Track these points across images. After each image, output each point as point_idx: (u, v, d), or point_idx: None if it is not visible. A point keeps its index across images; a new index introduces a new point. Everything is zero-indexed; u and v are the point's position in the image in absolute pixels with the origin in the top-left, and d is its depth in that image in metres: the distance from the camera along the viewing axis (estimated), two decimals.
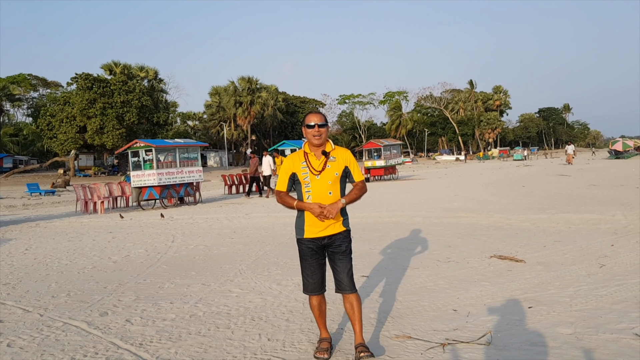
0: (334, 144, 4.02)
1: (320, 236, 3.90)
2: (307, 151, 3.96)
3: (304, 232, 3.94)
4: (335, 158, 3.93)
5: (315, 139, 3.87)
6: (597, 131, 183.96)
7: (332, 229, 3.90)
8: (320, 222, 3.85)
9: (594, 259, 7.16)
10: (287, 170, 3.96)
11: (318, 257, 3.94)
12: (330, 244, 3.93)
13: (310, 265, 3.93)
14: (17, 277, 7.28)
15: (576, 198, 14.66)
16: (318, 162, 3.89)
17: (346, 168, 3.96)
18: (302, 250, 3.98)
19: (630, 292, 5.44)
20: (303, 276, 4.00)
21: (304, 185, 3.88)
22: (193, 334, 4.60)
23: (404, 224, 10.90)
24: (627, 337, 4.16)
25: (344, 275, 3.90)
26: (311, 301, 4.01)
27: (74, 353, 4.20)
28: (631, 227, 9.53)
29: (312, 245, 3.92)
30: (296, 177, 3.92)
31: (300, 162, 3.93)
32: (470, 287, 5.95)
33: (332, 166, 3.89)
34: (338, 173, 3.90)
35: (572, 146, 43.35)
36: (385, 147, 30.57)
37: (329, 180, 3.85)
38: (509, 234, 9.39)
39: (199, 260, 8.06)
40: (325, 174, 3.85)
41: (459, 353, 3.99)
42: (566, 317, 4.76)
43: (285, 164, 4.00)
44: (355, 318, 3.91)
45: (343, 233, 3.95)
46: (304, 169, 3.89)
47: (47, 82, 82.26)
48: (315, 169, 3.86)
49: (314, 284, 3.94)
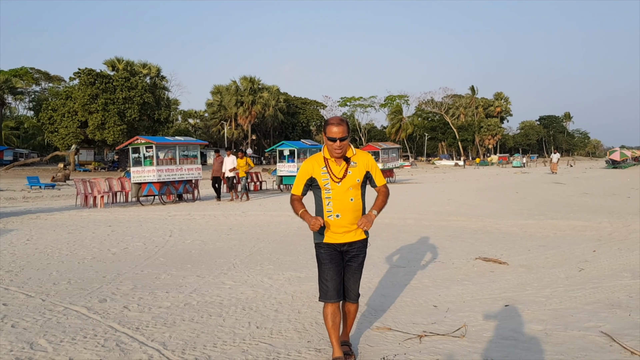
0: (354, 149, 3.88)
1: (340, 242, 3.82)
2: (327, 156, 3.80)
3: (323, 237, 3.82)
4: (356, 163, 3.81)
5: (335, 152, 3.71)
6: (597, 140, 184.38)
7: (352, 235, 3.83)
8: (340, 228, 3.78)
9: (574, 263, 7.45)
10: (305, 175, 3.84)
11: (337, 263, 3.83)
12: (349, 251, 3.86)
13: (330, 270, 3.80)
14: (19, 265, 7.57)
15: (566, 205, 14.96)
16: (339, 169, 3.77)
17: (367, 173, 3.86)
18: (320, 254, 3.85)
19: (603, 295, 5.74)
20: (321, 282, 3.82)
21: (325, 191, 3.78)
22: (187, 321, 4.89)
23: (395, 226, 11.18)
24: (593, 334, 4.45)
25: (356, 286, 3.91)
26: (325, 310, 3.82)
27: (74, 334, 4.49)
28: (615, 234, 9.83)
29: (331, 250, 3.82)
30: (315, 182, 3.81)
31: (320, 167, 3.79)
32: (453, 286, 6.24)
33: (353, 172, 3.78)
34: (359, 179, 3.80)
35: (557, 154, 42.76)
36: (383, 151, 30.88)
37: (349, 187, 3.76)
38: (496, 238, 9.68)
39: (195, 254, 8.35)
40: (347, 180, 3.75)
41: (434, 344, 4.27)
42: (539, 315, 5.05)
43: (304, 167, 3.87)
44: (348, 321, 4.04)
45: (362, 241, 3.89)
46: (324, 175, 3.77)
47: (50, 76, 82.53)
48: (336, 176, 3.75)
49: (332, 289, 3.78)
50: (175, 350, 4.14)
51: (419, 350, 4.14)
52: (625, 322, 4.75)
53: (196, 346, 4.23)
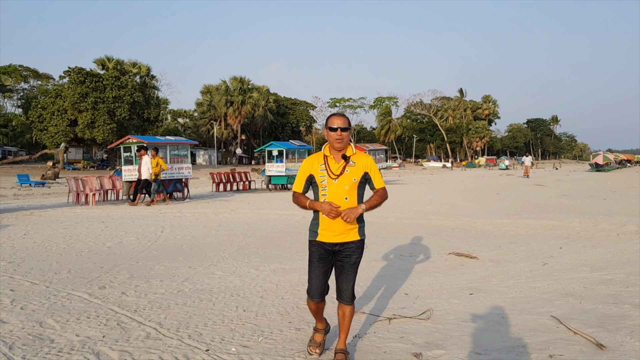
0: (355, 149, 3.93)
1: (333, 242, 3.83)
2: (327, 154, 3.87)
3: (317, 235, 3.86)
4: (355, 163, 3.84)
5: (337, 142, 3.77)
6: (584, 144, 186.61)
7: (346, 236, 3.82)
8: (335, 227, 3.79)
9: (540, 258, 8.04)
10: (305, 172, 3.91)
11: (325, 263, 3.88)
12: (342, 252, 3.86)
13: (317, 269, 3.87)
14: (20, 257, 8.01)
15: (543, 206, 15.61)
16: (337, 166, 3.81)
17: (366, 174, 3.87)
18: (311, 252, 3.91)
19: (560, 285, 6.32)
20: (309, 278, 3.94)
21: (321, 188, 3.82)
22: (180, 305, 5.40)
23: (377, 224, 11.73)
24: (544, 318, 5.01)
25: (348, 286, 3.90)
26: (309, 304, 4.00)
27: (78, 315, 4.98)
28: (583, 233, 10.45)
29: (322, 250, 3.86)
30: (314, 179, 3.86)
31: (319, 164, 3.86)
32: (424, 277, 6.80)
33: (351, 171, 3.80)
34: (356, 179, 3.80)
35: (530, 157, 41.31)
36: (370, 152, 31.48)
37: (346, 185, 3.77)
38: (471, 235, 10.27)
39: (186, 248, 8.84)
40: (343, 178, 3.77)
41: (401, 325, 4.81)
42: (499, 302, 5.61)
43: (304, 165, 3.94)
44: (344, 326, 3.95)
45: (356, 242, 3.87)
46: (322, 172, 3.82)
47: (39, 74, 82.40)
48: (333, 173, 3.79)
49: (316, 289, 3.88)
50: (170, 328, 4.64)
51: (387, 330, 4.68)
52: (575, 309, 5.31)
53: (189, 325, 4.73)
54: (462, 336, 4.50)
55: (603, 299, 5.64)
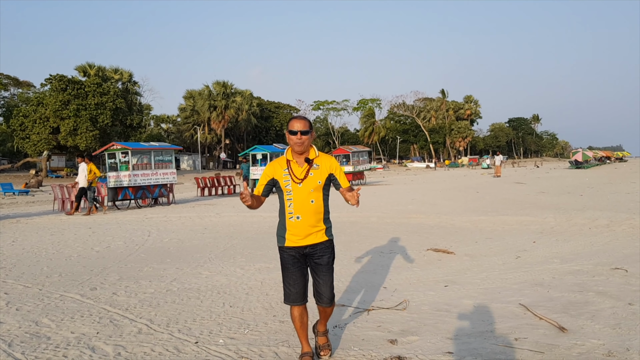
0: (318, 151, 3.94)
1: (302, 245, 3.82)
2: (290, 158, 3.84)
3: (285, 241, 3.85)
4: (318, 166, 3.83)
5: (297, 145, 3.75)
6: (565, 141, 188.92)
7: (313, 238, 3.83)
8: (300, 230, 3.79)
9: (513, 252, 8.42)
10: (267, 176, 3.88)
11: (300, 265, 3.85)
12: (313, 254, 3.86)
13: (292, 274, 3.83)
14: (11, 262, 8.21)
15: (520, 203, 16.07)
16: (300, 170, 3.79)
17: (331, 175, 3.87)
18: (283, 258, 3.88)
19: (531, 276, 6.68)
20: (284, 285, 3.88)
21: (286, 192, 3.80)
22: (169, 303, 5.68)
23: (359, 223, 12.07)
24: (513, 306, 5.36)
25: (325, 288, 3.89)
26: (292, 312, 3.90)
27: (72, 314, 5.23)
28: (557, 228, 10.87)
29: (293, 254, 3.84)
30: (277, 183, 3.84)
31: (282, 169, 3.83)
32: (403, 272, 7.13)
33: (315, 174, 3.80)
34: (321, 181, 3.81)
35: (500, 157, 39.61)
36: (353, 154, 31.85)
37: (311, 189, 3.76)
38: (449, 232, 10.64)
39: (173, 251, 9.09)
40: (308, 182, 3.77)
41: (379, 316, 5.13)
42: (472, 293, 5.96)
43: (266, 169, 3.92)
44: (323, 318, 4.09)
45: (325, 243, 3.88)
46: (285, 176, 3.80)
47: (19, 82, 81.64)
48: (297, 177, 3.76)
49: (295, 294, 3.83)
50: (161, 324, 4.91)
51: (366, 320, 4.99)
52: (542, 297, 5.67)
53: (178, 321, 5.01)
54: (436, 324, 4.82)
55: (569, 288, 6.00)
